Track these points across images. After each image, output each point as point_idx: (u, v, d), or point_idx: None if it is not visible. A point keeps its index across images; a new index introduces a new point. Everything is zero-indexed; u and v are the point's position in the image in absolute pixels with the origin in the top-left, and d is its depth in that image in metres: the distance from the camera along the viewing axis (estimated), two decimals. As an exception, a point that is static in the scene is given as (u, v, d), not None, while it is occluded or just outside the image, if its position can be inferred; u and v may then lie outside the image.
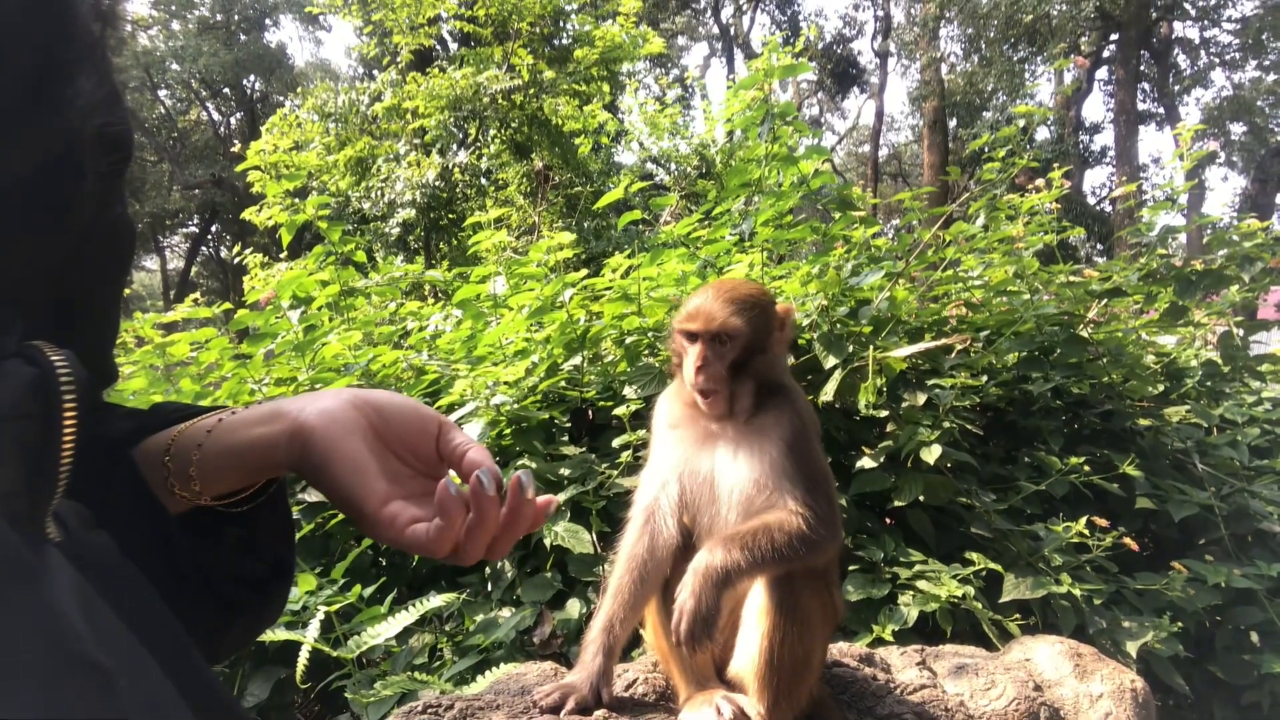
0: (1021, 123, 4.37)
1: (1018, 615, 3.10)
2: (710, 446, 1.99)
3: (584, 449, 3.58)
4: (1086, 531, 3.23)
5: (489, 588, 3.24)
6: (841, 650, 2.35)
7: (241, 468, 0.97)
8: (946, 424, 3.45)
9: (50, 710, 0.57)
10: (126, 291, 1.10)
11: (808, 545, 1.79)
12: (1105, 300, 4.38)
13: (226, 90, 33.20)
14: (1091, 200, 28.17)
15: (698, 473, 1.99)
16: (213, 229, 35.01)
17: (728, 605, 1.84)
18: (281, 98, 27.57)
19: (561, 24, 13.92)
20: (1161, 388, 4.46)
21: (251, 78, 32.44)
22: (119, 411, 1.04)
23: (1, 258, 0.73)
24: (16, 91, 0.70)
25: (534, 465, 3.35)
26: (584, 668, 1.97)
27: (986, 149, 4.45)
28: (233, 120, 34.74)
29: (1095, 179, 31.46)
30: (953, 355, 3.99)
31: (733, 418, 1.96)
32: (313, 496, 3.39)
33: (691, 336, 1.96)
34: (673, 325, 2.05)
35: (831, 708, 2.02)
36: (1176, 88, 28.21)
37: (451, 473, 1.00)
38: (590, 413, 3.80)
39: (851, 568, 3.22)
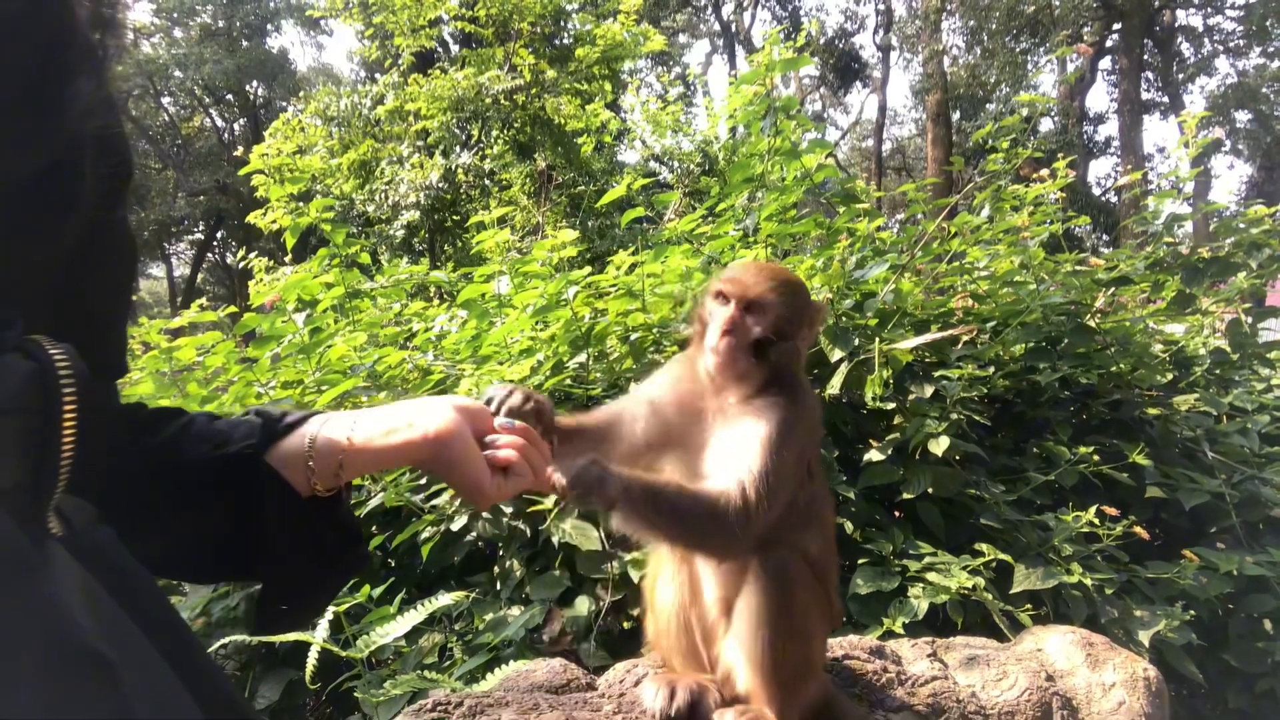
0: (1025, 112, 4.35)
1: (1029, 606, 3.09)
2: (699, 422, 1.90)
3: (590, 446, 3.57)
4: (1096, 521, 3.21)
5: (498, 586, 3.24)
6: (852, 643, 2.35)
7: (378, 466, 1.33)
8: (954, 415, 3.44)
9: (51, 701, 0.57)
10: (133, 298, 1.15)
11: (714, 531, 1.71)
12: (1112, 289, 4.35)
13: (229, 96, 33.25)
14: (1096, 191, 28.07)
15: (681, 436, 1.91)
16: (218, 235, 35.08)
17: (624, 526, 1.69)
18: (284, 103, 27.64)
19: (562, 23, 13.91)
20: (1170, 376, 4.43)
21: (254, 83, 32.48)
22: (215, 425, 1.24)
23: (1, 255, 0.74)
24: (16, 93, 0.71)
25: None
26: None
27: (990, 140, 4.43)
28: (236, 126, 34.84)
29: (1100, 169, 31.27)
30: (959, 347, 3.97)
31: (731, 397, 1.88)
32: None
33: (725, 300, 1.89)
34: (707, 287, 1.98)
35: (842, 704, 2.01)
36: (1180, 76, 28.11)
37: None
38: (596, 410, 3.79)
39: (861, 561, 3.21)
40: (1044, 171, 4.60)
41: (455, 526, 3.27)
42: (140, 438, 1.17)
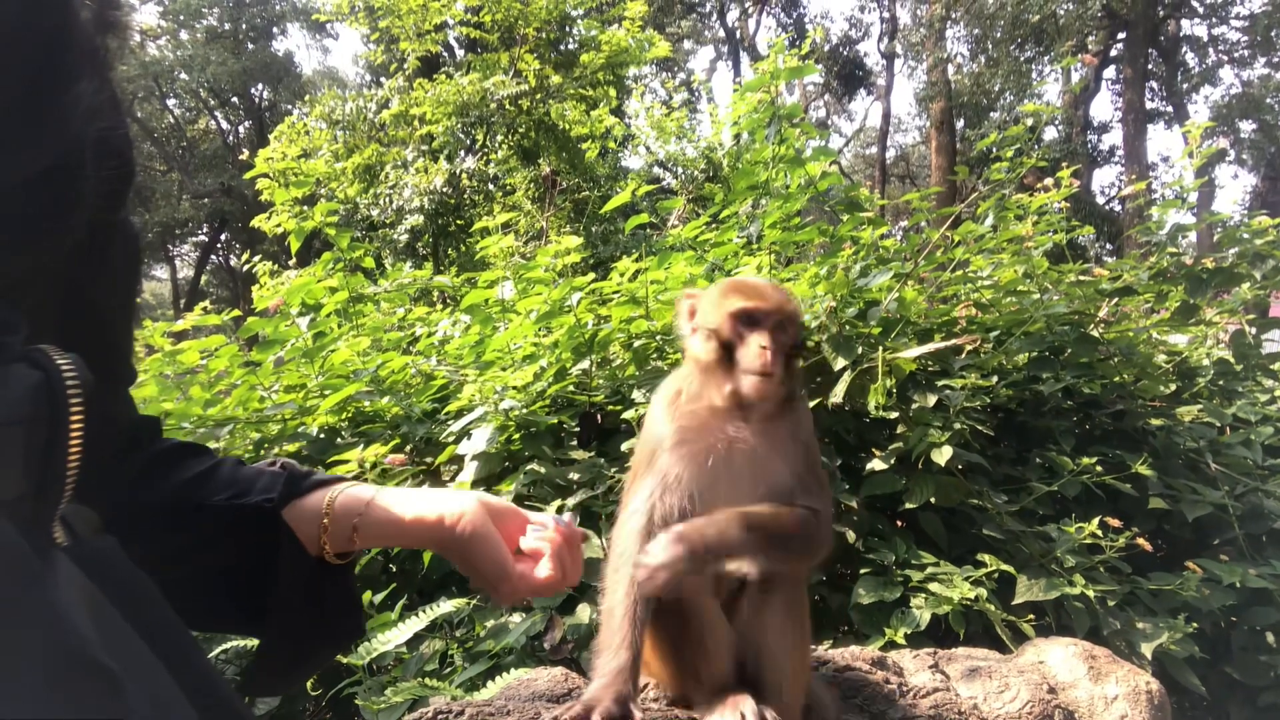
0: (1029, 121, 4.35)
1: (1031, 617, 3.08)
2: (727, 453, 1.81)
3: (592, 453, 3.57)
4: (1099, 532, 3.20)
5: (499, 593, 3.23)
6: (853, 654, 2.34)
7: (393, 539, 1.34)
8: (957, 425, 3.44)
9: (53, 710, 0.57)
10: (136, 300, 1.16)
11: (814, 543, 1.84)
12: (1116, 299, 4.35)
13: (235, 99, 33.34)
14: (1100, 200, 28.04)
15: (714, 482, 1.82)
16: (222, 237, 35.17)
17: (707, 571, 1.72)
18: (289, 106, 27.63)
19: (567, 29, 13.93)
20: (1173, 387, 4.42)
21: (259, 86, 32.57)
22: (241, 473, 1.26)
23: (3, 260, 0.73)
24: (17, 96, 0.71)
25: (543, 470, 3.34)
26: (608, 684, 1.71)
27: (994, 148, 4.44)
28: (241, 129, 34.90)
29: (1104, 179, 31.44)
30: (962, 356, 3.97)
31: (753, 414, 1.80)
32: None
33: (751, 320, 1.78)
34: (722, 307, 1.83)
35: (821, 699, 2.01)
36: (1185, 86, 28.10)
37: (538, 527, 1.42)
38: (599, 417, 3.79)
39: (863, 571, 3.20)
40: (1048, 180, 4.60)
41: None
42: (163, 472, 1.18)
